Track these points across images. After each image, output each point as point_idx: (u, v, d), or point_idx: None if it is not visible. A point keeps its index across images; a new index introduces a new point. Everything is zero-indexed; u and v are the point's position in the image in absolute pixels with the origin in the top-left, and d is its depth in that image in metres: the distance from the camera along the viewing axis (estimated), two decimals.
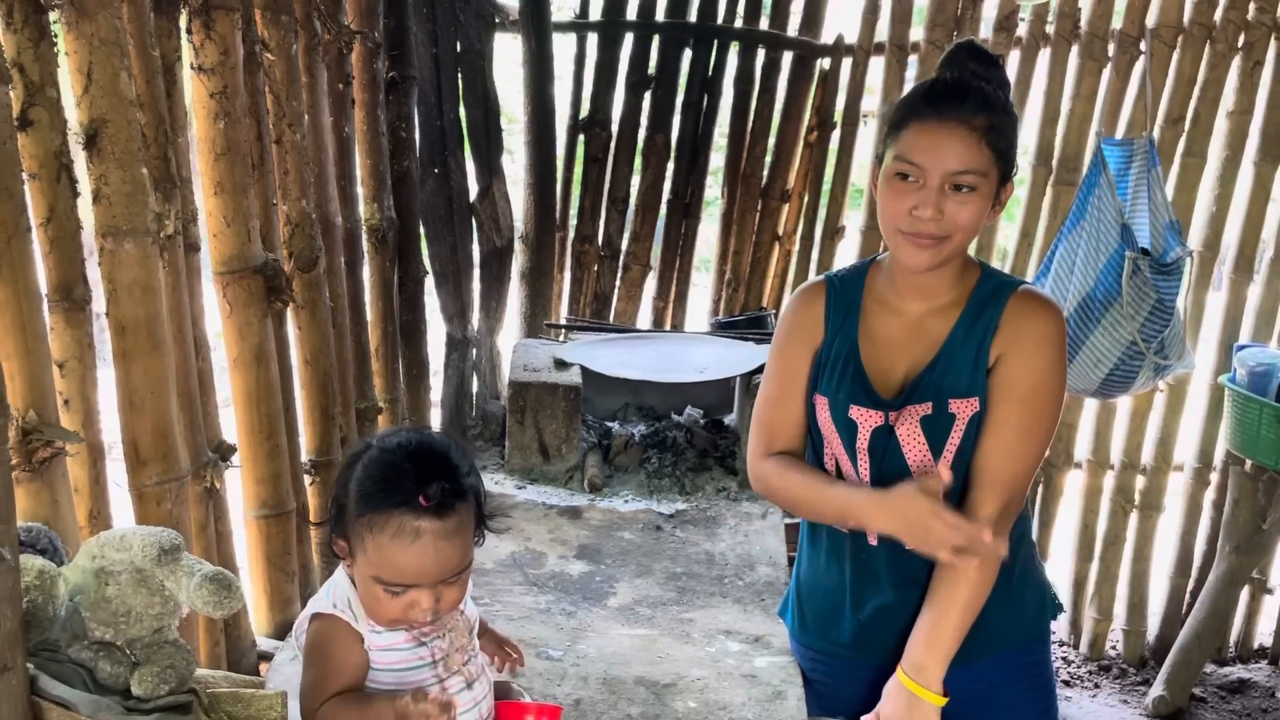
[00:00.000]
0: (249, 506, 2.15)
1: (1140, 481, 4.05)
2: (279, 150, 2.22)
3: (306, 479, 2.39)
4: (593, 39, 4.18)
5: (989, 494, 1.64)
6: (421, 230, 3.24)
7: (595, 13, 4.18)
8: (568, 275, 4.34)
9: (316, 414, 2.40)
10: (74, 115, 1.59)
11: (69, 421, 1.57)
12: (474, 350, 3.72)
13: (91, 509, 1.62)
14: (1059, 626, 4.24)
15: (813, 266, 4.22)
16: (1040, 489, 4.10)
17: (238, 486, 2.17)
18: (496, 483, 3.20)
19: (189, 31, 1.89)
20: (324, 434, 2.41)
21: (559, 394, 3.26)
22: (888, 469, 1.69)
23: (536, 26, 4.00)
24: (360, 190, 2.73)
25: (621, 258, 4.32)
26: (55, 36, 1.52)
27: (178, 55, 1.84)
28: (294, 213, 2.27)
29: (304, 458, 2.38)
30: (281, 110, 2.21)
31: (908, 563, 1.71)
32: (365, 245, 2.76)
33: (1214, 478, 3.96)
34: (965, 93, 1.55)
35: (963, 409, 1.65)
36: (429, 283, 3.33)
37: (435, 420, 3.39)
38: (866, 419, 1.69)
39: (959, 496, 1.68)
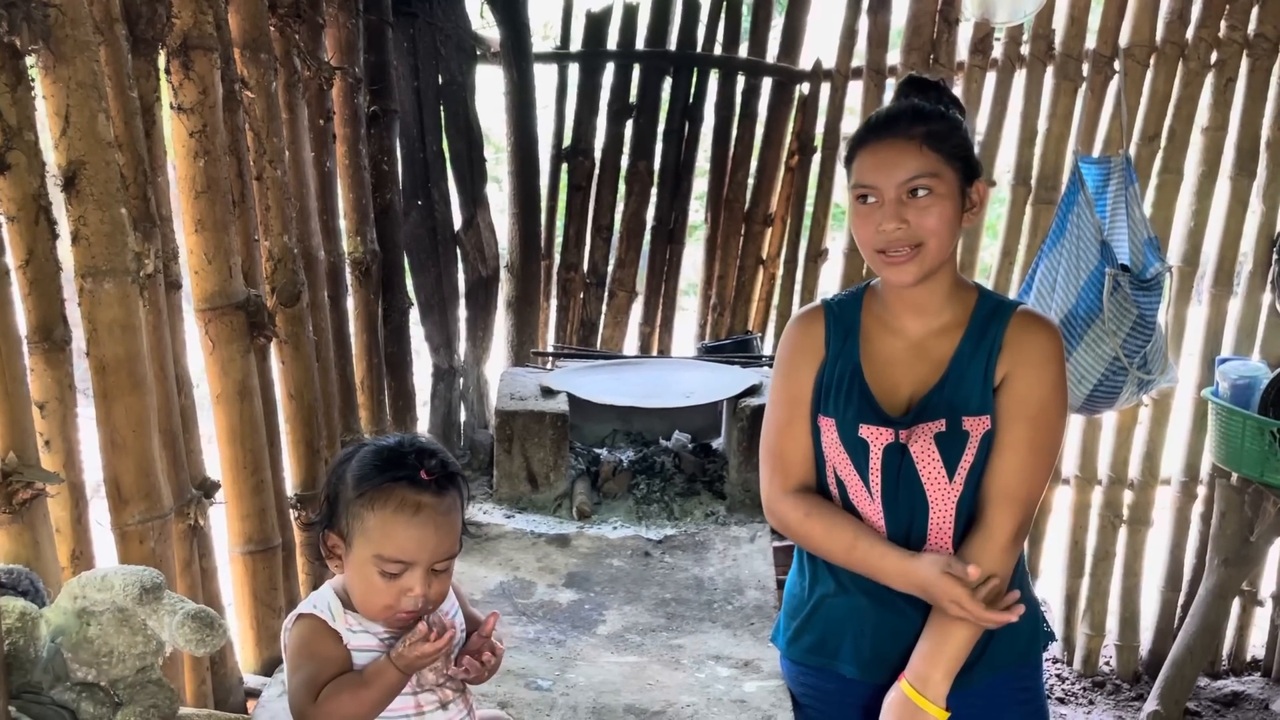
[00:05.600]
0: (234, 542, 2.15)
1: (1128, 496, 4.06)
2: (260, 186, 2.24)
3: (292, 514, 2.38)
4: (574, 69, 4.21)
5: (1006, 513, 1.68)
6: (406, 262, 3.25)
7: (576, 43, 4.21)
8: (554, 303, 4.35)
9: (301, 448, 2.40)
10: (52, 157, 1.60)
11: (50, 462, 1.57)
12: (461, 380, 3.72)
13: (74, 549, 1.61)
14: (1052, 645, 4.24)
15: (797, 289, 4.25)
16: None
17: (223, 523, 2.17)
18: (485, 512, 3.20)
19: (168, 72, 1.91)
20: (309, 468, 2.41)
21: (546, 422, 3.26)
22: (902, 486, 1.72)
23: (518, 58, 4.03)
24: (343, 224, 2.74)
25: (607, 285, 4.34)
26: (32, 80, 1.53)
27: (156, 95, 1.85)
28: (276, 248, 2.28)
29: (289, 492, 2.38)
30: (262, 147, 2.22)
31: None
32: (349, 278, 2.77)
33: (1201, 491, 3.98)
34: (898, 114, 1.66)
35: (975, 426, 1.69)
36: (414, 314, 3.34)
37: None
38: (877, 437, 1.72)
39: (970, 511, 1.71)
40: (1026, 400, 1.68)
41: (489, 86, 4.16)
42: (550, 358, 4.10)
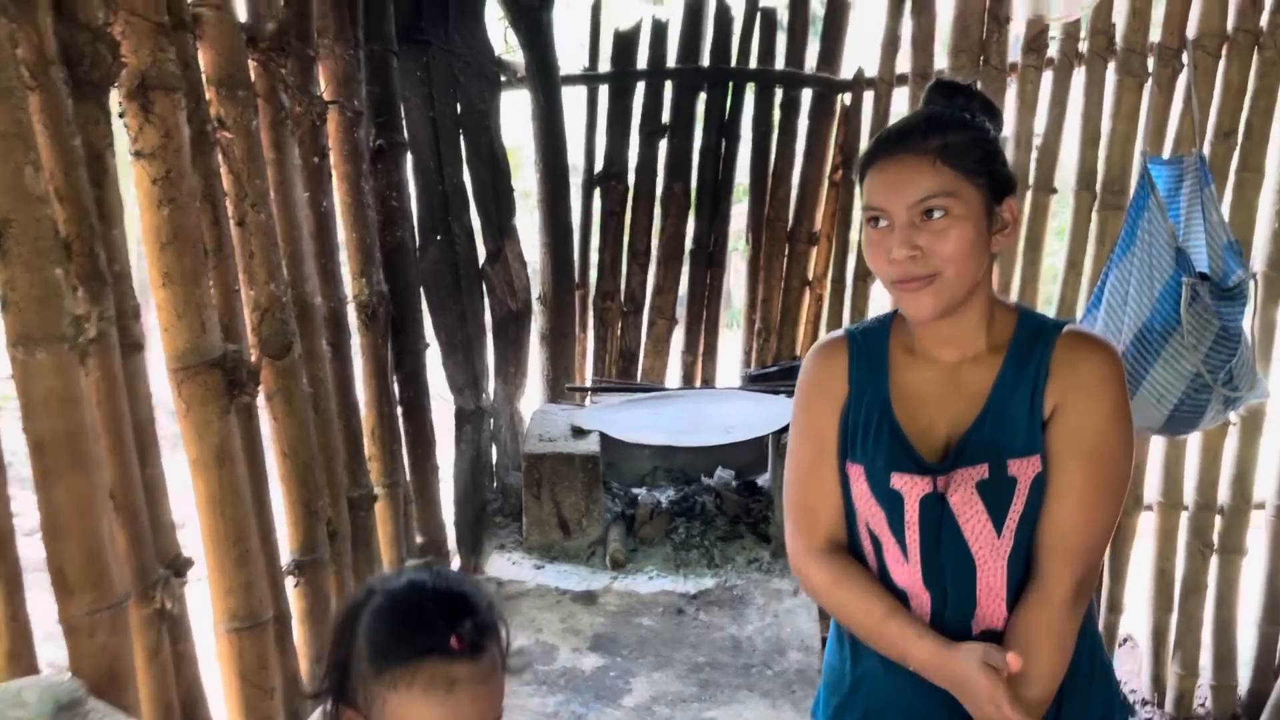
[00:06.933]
0: (218, 620, 1.98)
1: (1218, 523, 3.74)
2: (242, 232, 2.08)
3: (290, 580, 2.21)
4: (604, 90, 4.04)
5: (1063, 568, 1.46)
6: (424, 301, 3.09)
7: (605, 64, 4.04)
8: (591, 334, 4.17)
9: (298, 510, 2.23)
10: None
11: None
12: (491, 421, 3.55)
13: (10, 649, 1.45)
14: (1141, 683, 3.93)
15: (846, 310, 4.01)
16: None
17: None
18: (514, 562, 3.02)
19: (121, 115, 1.76)
20: (308, 531, 2.25)
21: (576, 465, 3.07)
22: (944, 545, 1.50)
23: (544, 82, 3.89)
24: (346, 266, 2.59)
25: (646, 312, 4.15)
26: None
27: (108, 142, 1.70)
28: (262, 297, 2.12)
29: (286, 558, 2.22)
30: (243, 190, 2.07)
31: None
32: (355, 323, 2.61)
33: None
34: (912, 125, 1.46)
35: (1023, 470, 1.47)
36: (436, 355, 3.17)
37: (447, 497, 3.21)
38: (912, 487, 1.50)
39: (1023, 568, 1.49)
40: (1081, 434, 1.46)
41: (520, 111, 4.02)
42: (587, 392, 3.92)
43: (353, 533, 2.46)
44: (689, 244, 4.11)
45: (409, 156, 2.98)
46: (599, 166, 4.09)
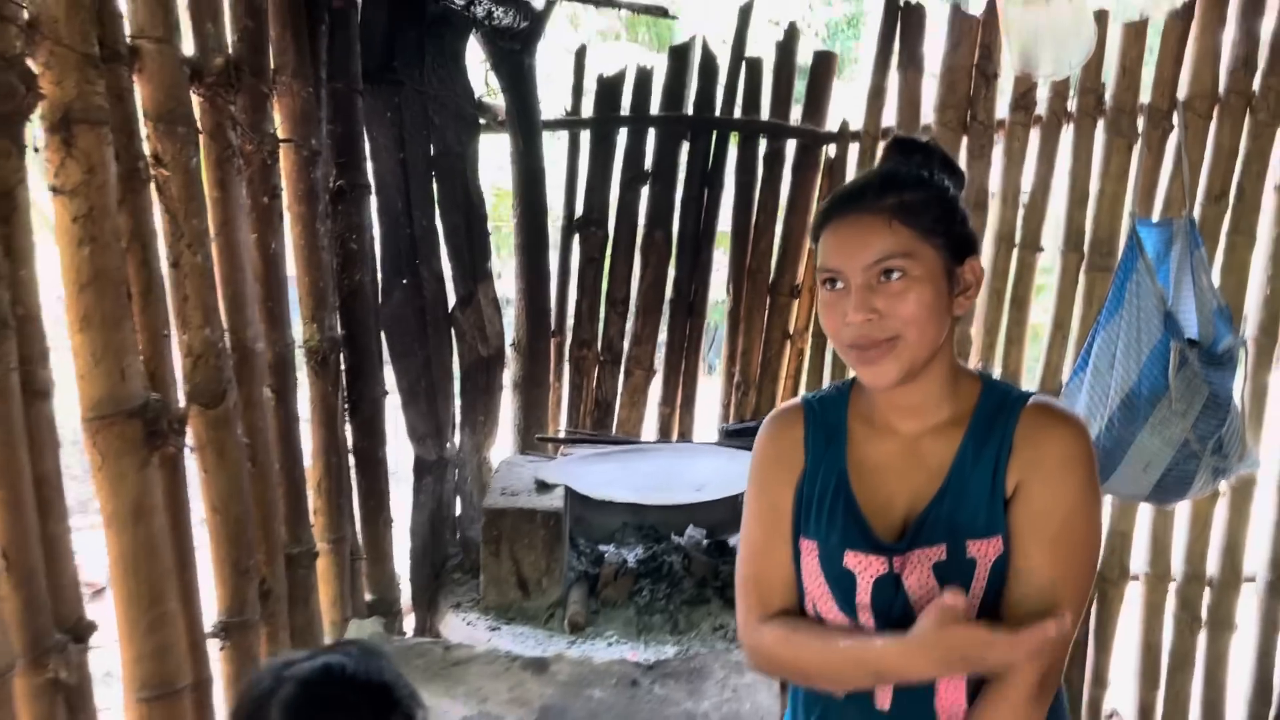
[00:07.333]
0: (129, 689, 1.86)
1: (1207, 595, 3.62)
2: (176, 274, 1.98)
3: (215, 643, 2.09)
4: (585, 136, 3.96)
5: (1024, 659, 1.34)
6: (385, 346, 2.98)
7: (588, 109, 3.97)
8: (566, 383, 4.06)
9: (227, 569, 2.11)
10: None
11: None
12: (455, 471, 3.43)
13: None
14: None
15: (827, 365, 3.90)
16: (1094, 607, 3.67)
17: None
18: (469, 623, 2.88)
19: (35, 150, 1.67)
20: (236, 591, 2.12)
21: (537, 521, 2.94)
22: (895, 628, 1.40)
23: (524, 126, 3.81)
24: (298, 310, 2.49)
25: (623, 362, 4.04)
26: None
27: (20, 177, 1.60)
28: (195, 342, 2.02)
29: (213, 620, 2.09)
30: (179, 230, 1.97)
31: None
32: (305, 369, 2.51)
33: None
34: (866, 184, 1.41)
35: (983, 551, 1.39)
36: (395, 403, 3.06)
37: (403, 552, 3.08)
38: (866, 567, 1.43)
39: None
40: (1045, 515, 1.37)
41: (503, 154, 3.95)
42: (558, 443, 3.80)
43: (290, 592, 2.33)
44: (669, 293, 4.02)
45: (372, 198, 2.89)
46: (579, 212, 4.01)
